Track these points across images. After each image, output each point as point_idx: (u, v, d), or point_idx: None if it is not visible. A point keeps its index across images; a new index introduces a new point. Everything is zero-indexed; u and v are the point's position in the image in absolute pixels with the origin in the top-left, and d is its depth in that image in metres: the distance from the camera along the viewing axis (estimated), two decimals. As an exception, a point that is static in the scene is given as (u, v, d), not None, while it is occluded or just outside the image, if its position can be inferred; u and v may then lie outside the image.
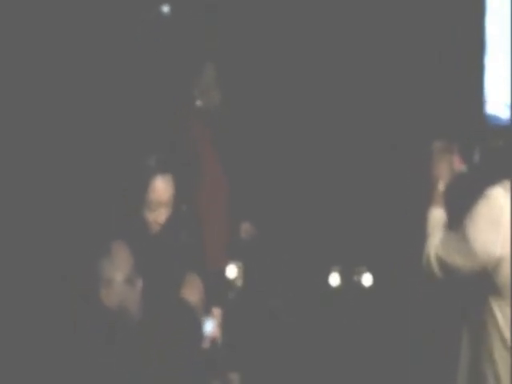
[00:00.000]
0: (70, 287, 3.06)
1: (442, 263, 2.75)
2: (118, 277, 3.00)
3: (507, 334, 2.64)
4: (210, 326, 3.21)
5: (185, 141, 4.38)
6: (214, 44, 4.96)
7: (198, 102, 4.52)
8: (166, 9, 5.18)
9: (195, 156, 4.37)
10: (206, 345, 3.16)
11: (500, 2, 4.86)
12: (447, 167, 2.94)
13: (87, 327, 2.93)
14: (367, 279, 5.33)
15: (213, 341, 3.20)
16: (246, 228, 4.67)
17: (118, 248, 3.06)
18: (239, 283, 4.78)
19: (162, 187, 3.31)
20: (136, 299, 3.05)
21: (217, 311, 3.31)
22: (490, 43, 4.85)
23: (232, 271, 4.74)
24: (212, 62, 4.57)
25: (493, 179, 2.75)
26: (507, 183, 2.66)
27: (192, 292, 3.24)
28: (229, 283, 4.63)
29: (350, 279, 5.26)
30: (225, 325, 3.37)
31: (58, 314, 3.02)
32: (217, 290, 3.63)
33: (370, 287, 5.26)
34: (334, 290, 5.26)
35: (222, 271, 4.42)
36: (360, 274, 5.30)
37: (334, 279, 5.33)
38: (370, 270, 5.26)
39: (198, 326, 3.08)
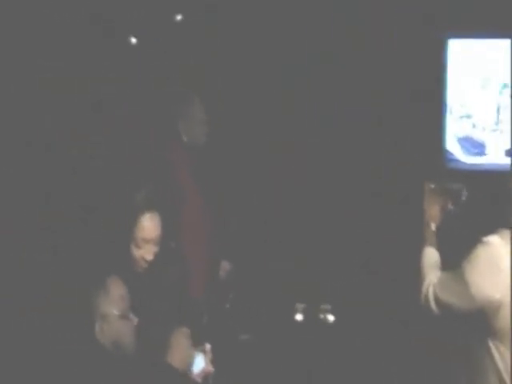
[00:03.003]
0: (65, 322, 3.05)
1: (439, 302, 2.87)
2: (114, 312, 3.01)
3: (505, 377, 2.74)
4: (202, 363, 3.22)
5: (169, 176, 4.40)
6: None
7: (184, 138, 4.56)
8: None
9: (179, 191, 4.38)
10: (199, 380, 3.18)
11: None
12: (438, 209, 3.09)
13: (82, 363, 2.93)
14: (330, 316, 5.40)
15: (206, 376, 3.22)
16: (224, 266, 4.72)
17: (113, 283, 3.07)
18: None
19: (149, 225, 3.29)
20: (131, 335, 3.06)
21: (208, 347, 3.30)
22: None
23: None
24: (197, 96, 4.61)
25: (479, 223, 2.89)
26: (504, 232, 2.78)
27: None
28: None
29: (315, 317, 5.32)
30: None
31: (52, 349, 3.01)
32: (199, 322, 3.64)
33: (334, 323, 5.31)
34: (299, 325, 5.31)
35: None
36: (325, 312, 5.37)
37: (299, 316, 5.40)
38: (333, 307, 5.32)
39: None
